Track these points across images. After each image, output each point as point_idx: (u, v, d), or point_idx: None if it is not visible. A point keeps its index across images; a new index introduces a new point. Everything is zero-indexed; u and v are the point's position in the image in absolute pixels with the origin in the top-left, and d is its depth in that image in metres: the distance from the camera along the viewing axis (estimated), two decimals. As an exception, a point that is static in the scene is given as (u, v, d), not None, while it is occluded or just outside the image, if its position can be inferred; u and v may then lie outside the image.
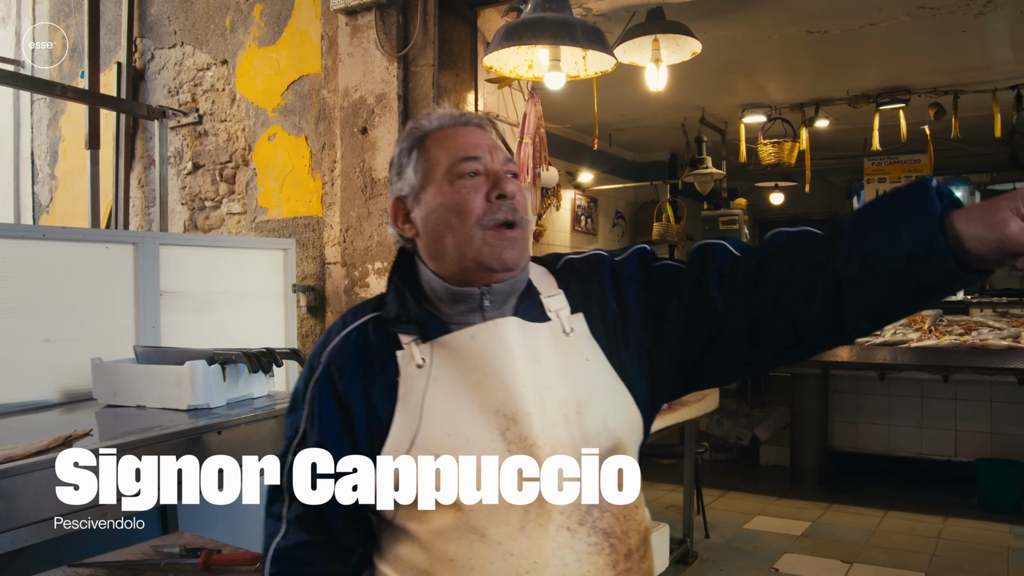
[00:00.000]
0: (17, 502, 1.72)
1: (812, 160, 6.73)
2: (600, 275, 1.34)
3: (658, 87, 3.60)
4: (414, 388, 1.23)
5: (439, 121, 1.33)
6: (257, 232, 3.85)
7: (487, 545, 1.18)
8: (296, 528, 1.29)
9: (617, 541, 1.23)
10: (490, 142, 1.31)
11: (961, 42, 4.92)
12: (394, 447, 1.22)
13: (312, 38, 3.69)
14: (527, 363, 1.23)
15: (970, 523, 4.80)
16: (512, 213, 1.25)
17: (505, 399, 1.21)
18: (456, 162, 1.27)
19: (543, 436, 1.20)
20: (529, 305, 1.30)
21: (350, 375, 1.27)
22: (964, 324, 5.23)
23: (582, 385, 1.25)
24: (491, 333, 1.24)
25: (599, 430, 1.23)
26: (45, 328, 2.65)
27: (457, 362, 1.24)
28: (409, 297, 1.30)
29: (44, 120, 4.88)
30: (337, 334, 1.32)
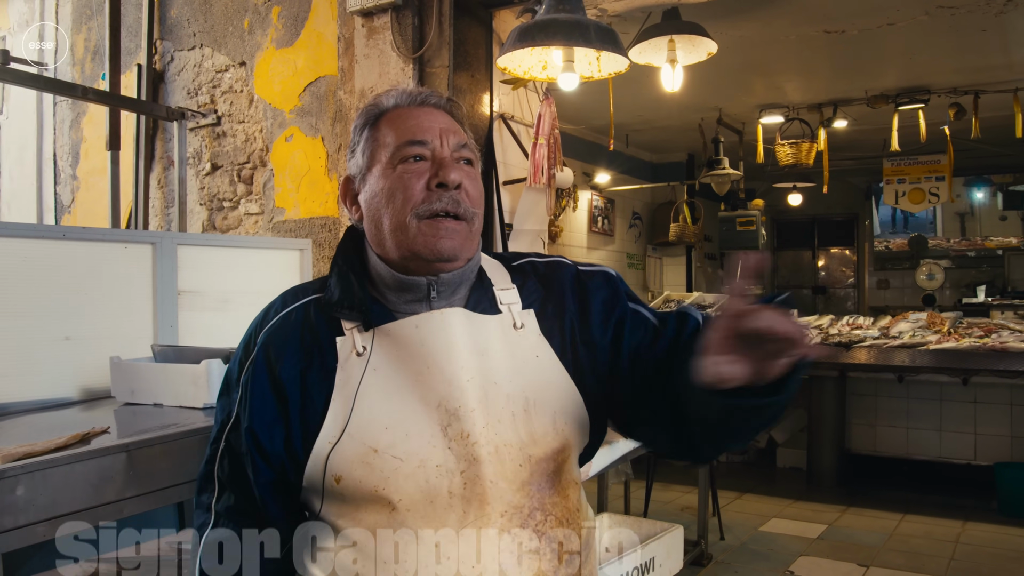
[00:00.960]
0: (36, 497, 1.75)
1: (830, 161, 6.71)
2: (561, 277, 1.29)
3: (674, 88, 3.60)
4: (351, 376, 1.17)
5: (396, 99, 1.27)
6: (274, 232, 3.88)
7: (422, 546, 1.12)
8: (227, 520, 1.23)
9: (559, 545, 1.18)
10: (445, 125, 1.24)
11: (981, 41, 4.88)
12: (327, 437, 1.15)
13: (329, 40, 3.72)
14: (473, 356, 1.18)
15: (989, 527, 4.75)
16: (453, 204, 1.19)
17: (448, 393, 1.15)
18: (401, 145, 1.21)
19: (486, 434, 1.14)
20: (480, 296, 1.24)
21: (287, 359, 1.20)
22: (984, 327, 5.18)
23: (531, 382, 1.19)
24: (436, 323, 1.18)
25: (547, 430, 1.19)
26: (65, 326, 2.68)
27: (399, 351, 1.18)
28: (354, 281, 1.23)
29: (66, 122, 4.95)
30: (276, 314, 1.26)
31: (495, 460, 1.14)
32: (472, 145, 1.27)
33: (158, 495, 2.03)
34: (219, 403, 1.28)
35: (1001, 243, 10.49)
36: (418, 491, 1.13)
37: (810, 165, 6.60)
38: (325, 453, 1.15)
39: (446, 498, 1.13)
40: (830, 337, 5.19)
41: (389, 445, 1.13)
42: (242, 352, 1.27)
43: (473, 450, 1.13)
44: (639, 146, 8.52)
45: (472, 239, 1.22)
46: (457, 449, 1.14)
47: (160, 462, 2.03)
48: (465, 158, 1.23)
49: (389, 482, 1.13)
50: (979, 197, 10.72)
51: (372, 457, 1.13)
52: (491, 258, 1.33)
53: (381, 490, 1.13)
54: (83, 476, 1.85)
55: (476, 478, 1.13)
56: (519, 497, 1.15)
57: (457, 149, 1.23)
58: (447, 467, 1.13)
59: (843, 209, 11.32)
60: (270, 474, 1.20)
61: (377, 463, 1.13)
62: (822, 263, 11.96)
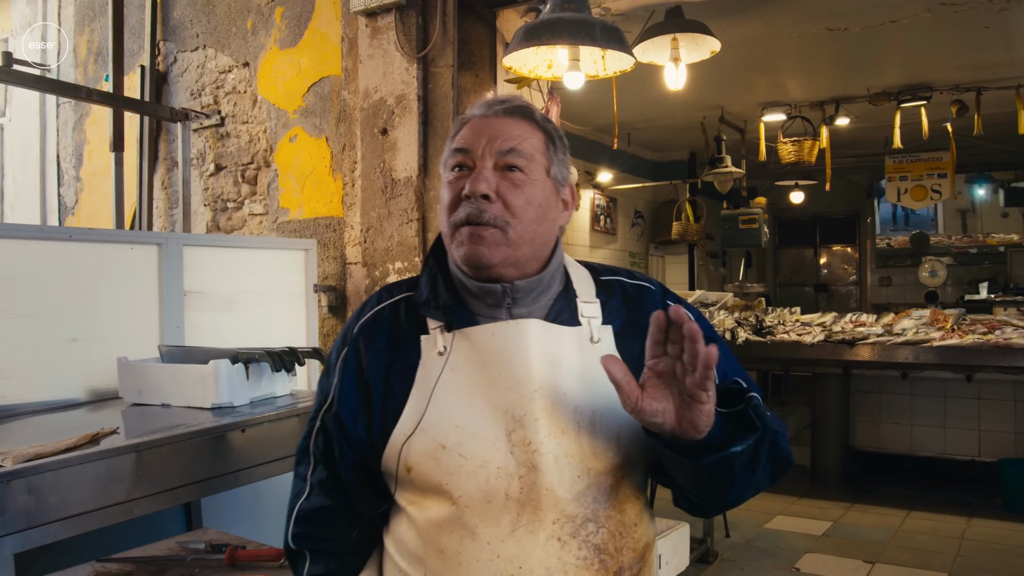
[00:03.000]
0: (46, 498, 1.75)
1: (832, 158, 6.70)
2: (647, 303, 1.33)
3: (677, 86, 3.60)
4: (430, 373, 1.23)
5: (477, 109, 1.31)
6: (279, 233, 3.89)
7: (476, 543, 1.17)
8: (319, 491, 1.32)
9: (608, 558, 1.20)
10: (497, 131, 1.25)
11: (983, 38, 4.88)
12: (403, 429, 1.22)
13: (332, 40, 3.72)
14: (544, 367, 1.21)
15: (994, 523, 4.75)
16: (475, 213, 1.22)
17: (516, 400, 1.19)
18: (449, 156, 1.28)
19: (547, 443, 1.18)
20: (563, 306, 1.28)
21: (375, 352, 1.28)
22: (987, 323, 5.17)
23: (600, 396, 1.22)
24: (512, 332, 1.23)
25: (609, 444, 1.21)
26: (72, 328, 2.69)
27: (475, 355, 1.23)
28: (441, 283, 1.29)
29: (69, 123, 4.96)
30: (371, 309, 1.35)
31: (553, 469, 1.17)
32: (530, 149, 1.26)
33: (167, 495, 2.04)
34: (319, 385, 1.37)
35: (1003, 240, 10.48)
36: (478, 490, 1.17)
37: (812, 163, 6.60)
38: (399, 444, 1.21)
39: (502, 499, 1.17)
40: (833, 334, 5.19)
41: (456, 443, 1.19)
42: (340, 341, 1.36)
43: (533, 457, 1.18)
44: (641, 145, 8.52)
45: (511, 245, 1.23)
46: (518, 454, 1.18)
47: (169, 462, 2.04)
48: (511, 164, 1.24)
49: (452, 478, 1.18)
50: (980, 194, 10.71)
51: (440, 453, 1.19)
52: (581, 267, 1.37)
53: (445, 484, 1.18)
54: (93, 477, 1.85)
55: (533, 484, 1.17)
56: (573, 507, 1.18)
57: (503, 155, 1.24)
58: (507, 470, 1.18)
59: (845, 207, 11.32)
60: (353, 456, 1.28)
61: (444, 459, 1.19)
62: (824, 261, 11.96)
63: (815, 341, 5.12)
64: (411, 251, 3.27)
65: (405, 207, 3.29)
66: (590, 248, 7.80)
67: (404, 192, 3.30)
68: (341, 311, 3.61)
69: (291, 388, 2.68)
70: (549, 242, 1.29)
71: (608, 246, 8.16)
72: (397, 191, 3.32)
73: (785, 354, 5.27)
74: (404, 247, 3.30)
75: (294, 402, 2.52)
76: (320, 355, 2.71)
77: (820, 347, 5.12)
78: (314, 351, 2.71)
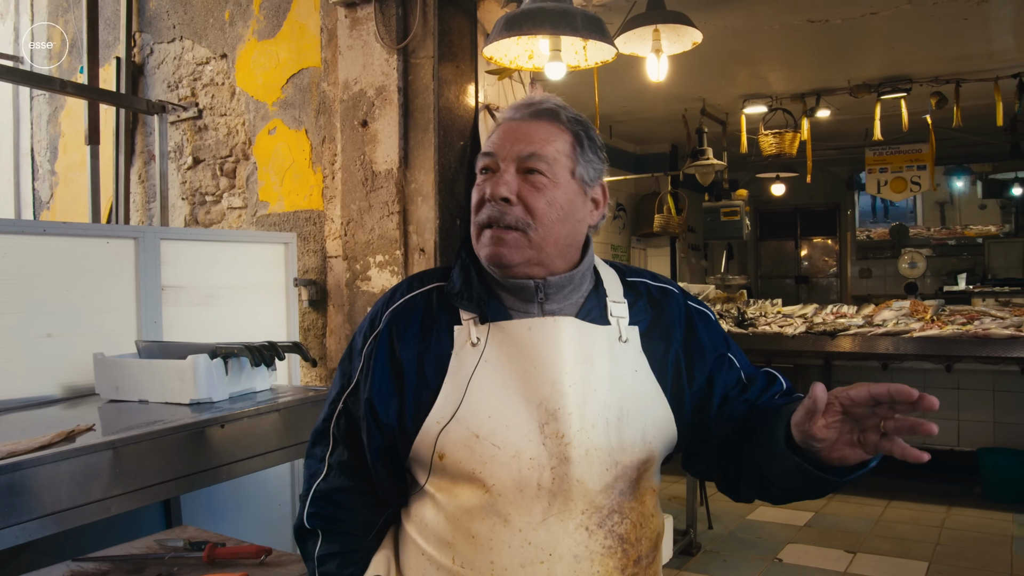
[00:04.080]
0: (21, 497, 1.72)
1: (813, 150, 6.73)
2: (671, 306, 1.40)
3: (659, 78, 3.58)
4: (464, 364, 1.27)
5: (510, 112, 1.35)
6: (258, 226, 3.84)
7: (508, 530, 1.22)
8: (338, 473, 1.36)
9: (630, 547, 1.27)
10: (522, 134, 1.29)
11: (963, 30, 4.90)
12: (437, 417, 1.25)
13: (311, 31, 3.67)
14: (578, 364, 1.26)
15: (973, 512, 4.80)
16: (496, 216, 1.27)
17: (550, 394, 1.24)
18: (478, 159, 1.33)
19: (579, 437, 1.23)
20: (594, 305, 1.33)
21: (408, 339, 1.31)
22: (966, 313, 5.22)
23: (628, 393, 1.28)
24: (549, 329, 1.27)
25: (636, 440, 1.27)
26: (47, 323, 2.64)
27: (511, 349, 1.27)
28: (474, 275, 1.33)
29: (44, 116, 4.87)
30: (402, 296, 1.37)
31: (584, 461, 1.23)
32: (553, 153, 1.29)
33: (145, 492, 2.01)
34: (340, 368, 1.40)
35: (981, 231, 10.59)
36: (510, 479, 1.22)
37: (793, 155, 6.62)
38: (434, 432, 1.25)
39: (534, 489, 1.22)
40: (815, 326, 5.21)
41: (490, 433, 1.23)
42: (367, 326, 1.38)
43: (566, 450, 1.23)
44: (622, 137, 8.52)
45: (533, 247, 1.27)
46: (551, 446, 1.23)
47: (147, 459, 2.01)
48: (531, 168, 1.27)
49: (486, 467, 1.22)
50: (959, 186, 10.81)
51: (473, 442, 1.23)
52: (608, 267, 1.42)
53: (478, 473, 1.23)
54: (68, 474, 1.82)
55: (565, 475, 1.22)
56: (601, 498, 1.25)
57: (523, 160, 1.28)
58: (539, 461, 1.22)
59: (825, 199, 11.39)
60: (381, 441, 1.31)
61: (477, 448, 1.23)
62: (805, 253, 12.03)
63: (796, 333, 5.15)
64: (392, 244, 3.24)
65: (386, 200, 3.26)
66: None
67: (385, 185, 3.27)
68: (322, 305, 3.58)
69: (271, 383, 2.64)
70: (577, 242, 1.33)
71: (590, 239, 8.16)
72: (378, 184, 3.29)
73: (767, 346, 5.29)
74: (385, 240, 3.27)
75: (274, 397, 2.49)
76: (301, 349, 2.68)
77: (801, 339, 5.14)
78: (294, 345, 2.68)
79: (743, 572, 3.92)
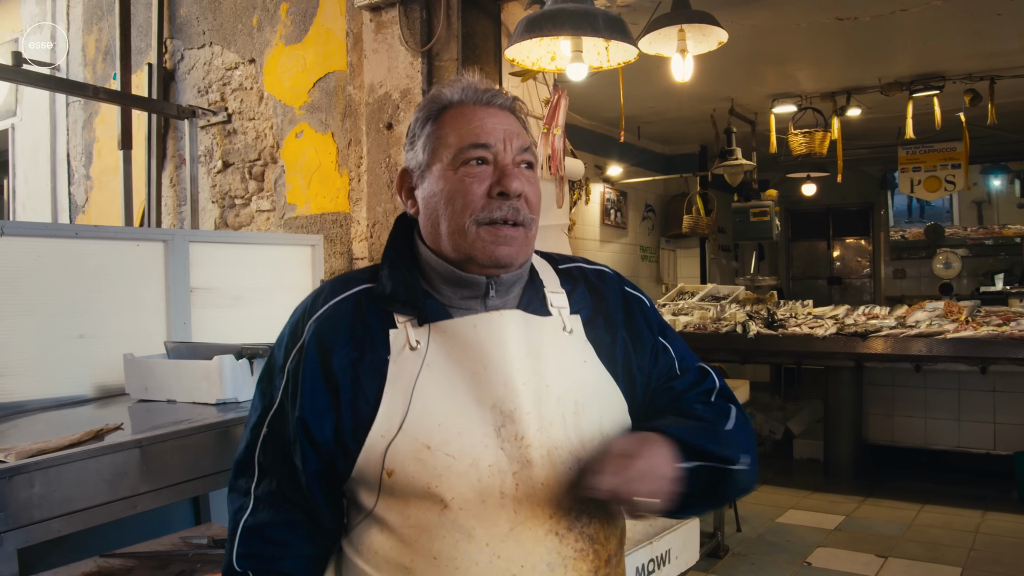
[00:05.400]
0: (50, 493, 1.76)
1: (844, 150, 6.64)
2: (609, 290, 1.33)
3: (684, 78, 3.56)
4: (405, 371, 1.16)
5: (461, 94, 1.24)
6: (286, 229, 3.89)
7: (474, 545, 1.13)
8: (267, 505, 1.22)
9: (600, 547, 1.20)
10: (508, 127, 1.22)
11: (996, 26, 4.81)
12: (381, 431, 1.15)
13: (337, 35, 3.71)
14: (528, 359, 1.18)
15: (1009, 517, 4.70)
16: (513, 213, 1.19)
17: (504, 395, 1.15)
18: (464, 147, 1.20)
19: (539, 437, 1.15)
20: (532, 296, 1.26)
21: (339, 349, 1.19)
22: (1002, 314, 5.11)
23: (579, 385, 1.21)
24: (495, 325, 1.19)
25: (594, 433, 1.20)
26: (79, 325, 2.70)
27: (455, 350, 1.18)
28: (406, 275, 1.23)
29: (79, 122, 4.98)
30: (325, 302, 1.24)
31: (547, 463, 1.15)
32: (533, 149, 1.26)
33: (172, 490, 2.04)
34: (259, 388, 1.27)
35: (1019, 231, 10.35)
36: (470, 490, 1.13)
37: (824, 155, 6.54)
38: (380, 447, 1.14)
39: (498, 498, 1.13)
40: (846, 327, 5.14)
41: (443, 442, 1.13)
42: (288, 339, 1.25)
43: (527, 452, 1.14)
44: (651, 138, 8.48)
45: (529, 244, 1.23)
46: (510, 450, 1.14)
47: (174, 458, 2.04)
48: (527, 162, 1.23)
49: (442, 479, 1.13)
50: (996, 185, 10.59)
51: (425, 453, 1.13)
52: (540, 257, 1.34)
53: (434, 487, 1.13)
54: (97, 472, 1.85)
55: (528, 480, 1.14)
56: (568, 500, 1.16)
57: (520, 153, 1.22)
58: (499, 467, 1.14)
59: (858, 199, 11.23)
60: (318, 463, 1.19)
61: (430, 460, 1.13)
62: (837, 253, 11.87)
63: (827, 334, 5.08)
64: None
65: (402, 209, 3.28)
66: (600, 242, 7.77)
67: (409, 187, 3.29)
68: (348, 307, 3.61)
69: (296, 383, 2.67)
70: None
71: (619, 240, 8.13)
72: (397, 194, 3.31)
73: (797, 347, 5.23)
74: (410, 242, 3.29)
75: (299, 397, 2.51)
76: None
77: (832, 340, 5.07)
78: (319, 346, 2.69)
79: (771, 576, 3.88)
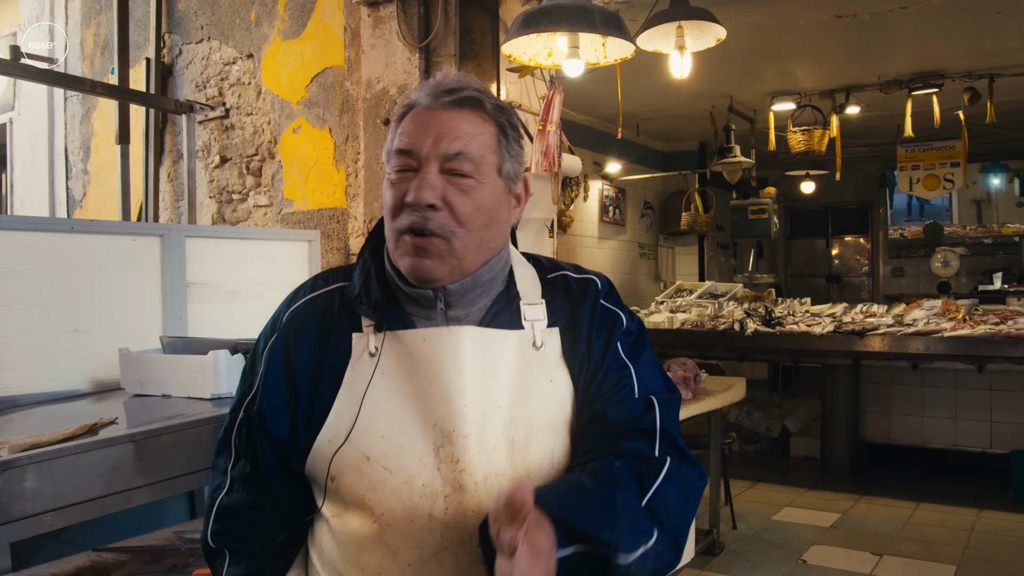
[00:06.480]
0: (44, 487, 1.76)
1: (843, 148, 6.65)
2: (588, 301, 1.24)
3: (682, 75, 3.56)
4: (360, 376, 1.14)
5: (424, 95, 1.18)
6: (283, 224, 3.89)
7: (397, 564, 1.10)
8: (241, 486, 1.23)
9: None
10: (444, 130, 1.13)
11: (996, 24, 4.81)
12: (328, 435, 1.14)
13: (335, 31, 3.71)
14: (478, 378, 1.13)
15: (1005, 516, 4.71)
16: (420, 221, 1.11)
17: (445, 414, 1.11)
18: (393, 153, 1.17)
19: (476, 461, 1.10)
20: (503, 308, 1.19)
21: (304, 346, 1.19)
22: (1000, 313, 5.12)
23: (538, 409, 1.15)
24: (443, 340, 1.14)
25: (543, 463, 1.14)
26: (75, 319, 2.70)
27: (406, 361, 1.14)
28: (374, 278, 1.20)
29: (77, 116, 4.97)
30: (304, 295, 1.25)
31: (482, 490, 1.10)
32: (479, 149, 1.15)
33: (166, 484, 2.04)
34: (243, 373, 1.28)
35: (1018, 230, 10.34)
36: (400, 507, 1.10)
37: (822, 152, 6.54)
38: (327, 453, 1.13)
39: (426, 519, 1.10)
40: (843, 325, 5.15)
41: (382, 455, 1.11)
42: (269, 328, 1.26)
43: (460, 476, 1.10)
44: (650, 135, 8.47)
45: (455, 255, 1.14)
46: (445, 472, 1.10)
47: (168, 452, 2.04)
48: (458, 170, 1.13)
49: (376, 493, 1.11)
50: (995, 183, 10.58)
51: (364, 464, 1.11)
52: (528, 264, 1.27)
53: (367, 499, 1.11)
54: (90, 466, 1.86)
55: (459, 505, 1.10)
56: None
57: (449, 160, 1.13)
58: (432, 488, 1.10)
59: (857, 197, 11.22)
60: (274, 456, 1.20)
61: (368, 471, 1.11)
62: (836, 251, 11.87)
63: (824, 332, 5.09)
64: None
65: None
66: (599, 239, 7.77)
67: (406, 183, 3.29)
68: (345, 302, 3.61)
69: (292, 379, 2.67)
70: (498, 246, 1.20)
71: (617, 237, 8.13)
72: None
73: (794, 345, 5.23)
74: (407, 238, 3.29)
75: (294, 392, 2.52)
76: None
77: (830, 338, 5.08)
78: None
79: (766, 573, 3.89)
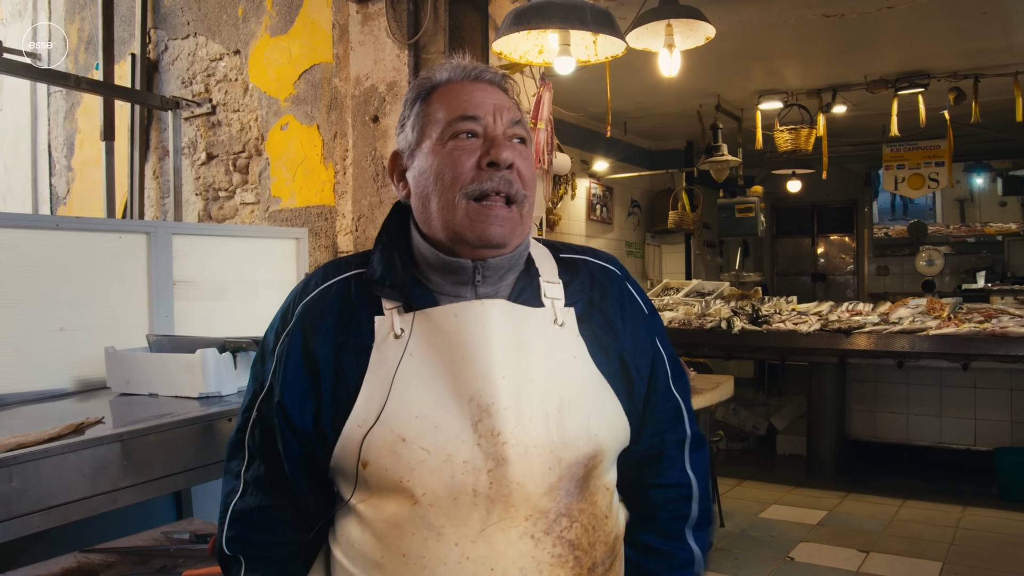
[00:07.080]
0: (29, 488, 1.73)
1: (829, 147, 6.68)
2: (611, 287, 1.27)
3: (671, 73, 3.56)
4: (387, 359, 1.13)
5: (449, 73, 1.23)
6: (270, 222, 3.86)
7: (443, 545, 1.09)
8: (255, 489, 1.21)
9: (583, 554, 1.14)
10: (498, 101, 1.19)
11: (981, 24, 4.85)
12: (359, 420, 1.12)
13: (323, 27, 3.68)
14: (510, 351, 1.13)
15: (989, 512, 4.75)
16: (505, 185, 1.14)
17: (482, 388, 1.11)
18: (452, 120, 1.17)
19: (517, 434, 1.10)
20: (525, 285, 1.20)
21: (323, 333, 1.17)
22: (984, 311, 5.16)
23: (567, 382, 1.15)
24: (475, 314, 1.14)
25: (579, 433, 1.14)
26: (59, 317, 2.66)
27: (437, 339, 1.14)
28: (397, 260, 1.20)
29: (60, 112, 4.92)
30: (316, 286, 1.23)
31: (523, 461, 1.10)
32: (526, 123, 1.22)
33: (154, 485, 2.02)
34: (252, 371, 1.26)
35: (1001, 229, 10.46)
36: (442, 486, 1.09)
37: (809, 151, 6.57)
38: (357, 437, 1.11)
39: (470, 496, 1.09)
40: (829, 324, 5.17)
41: (417, 435, 1.10)
42: (279, 322, 1.24)
43: (502, 449, 1.10)
44: (637, 133, 8.48)
45: (523, 224, 1.18)
46: (486, 446, 1.10)
47: (155, 452, 2.02)
48: (518, 136, 1.19)
49: (414, 474, 1.09)
50: (979, 183, 10.69)
51: (400, 446, 1.10)
52: (541, 245, 1.29)
53: (405, 481, 1.09)
54: (77, 467, 1.83)
55: (503, 478, 1.09)
56: (545, 501, 1.11)
57: (511, 126, 1.18)
58: (474, 464, 1.09)
59: (842, 196, 11.30)
60: (299, 450, 1.17)
61: (404, 453, 1.09)
62: (821, 250, 11.94)
63: (811, 330, 5.11)
64: (402, 240, 3.24)
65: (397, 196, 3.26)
66: (586, 237, 7.77)
67: (395, 180, 3.27)
68: (333, 300, 3.59)
69: (280, 377, 2.65)
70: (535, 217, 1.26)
71: (604, 235, 8.13)
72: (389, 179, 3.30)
73: (781, 343, 5.26)
74: (395, 236, 3.27)
75: (283, 391, 2.50)
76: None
77: (816, 336, 5.10)
78: (304, 340, 2.68)
79: (754, 570, 3.90)
